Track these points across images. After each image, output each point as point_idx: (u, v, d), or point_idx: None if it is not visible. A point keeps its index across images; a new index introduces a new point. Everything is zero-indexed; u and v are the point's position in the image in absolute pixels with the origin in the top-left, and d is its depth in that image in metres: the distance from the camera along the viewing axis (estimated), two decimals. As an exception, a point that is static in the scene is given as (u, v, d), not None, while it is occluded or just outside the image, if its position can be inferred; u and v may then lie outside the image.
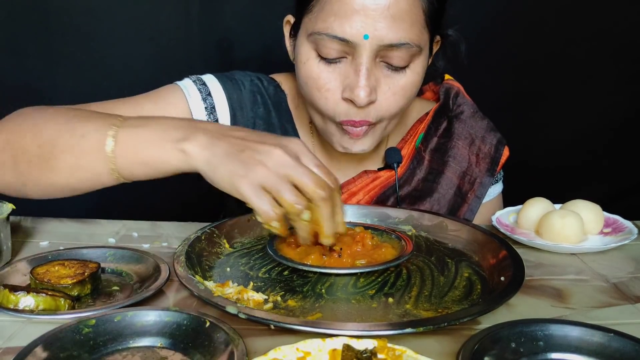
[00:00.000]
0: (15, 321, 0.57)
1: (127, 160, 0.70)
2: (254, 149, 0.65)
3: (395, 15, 0.79)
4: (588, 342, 0.54)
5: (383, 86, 0.84)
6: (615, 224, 0.88)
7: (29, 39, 1.42)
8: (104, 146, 0.70)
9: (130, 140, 0.70)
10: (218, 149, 0.66)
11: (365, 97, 0.81)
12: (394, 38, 0.80)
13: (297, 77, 0.89)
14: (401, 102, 0.86)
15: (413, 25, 0.81)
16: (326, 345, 0.51)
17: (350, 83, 0.82)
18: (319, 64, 0.84)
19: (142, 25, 1.45)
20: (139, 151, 0.69)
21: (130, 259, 0.72)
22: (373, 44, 0.80)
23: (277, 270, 0.72)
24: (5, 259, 0.71)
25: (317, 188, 0.64)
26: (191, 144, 0.67)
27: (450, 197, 1.01)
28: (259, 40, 1.46)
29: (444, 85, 1.06)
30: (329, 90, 0.84)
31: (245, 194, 0.63)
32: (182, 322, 0.55)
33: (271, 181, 0.63)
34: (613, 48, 1.60)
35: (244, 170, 0.64)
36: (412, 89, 0.87)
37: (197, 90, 0.95)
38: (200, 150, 0.67)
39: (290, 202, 0.63)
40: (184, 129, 0.69)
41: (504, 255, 0.72)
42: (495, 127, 1.05)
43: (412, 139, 1.03)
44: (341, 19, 0.79)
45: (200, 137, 0.68)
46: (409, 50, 0.82)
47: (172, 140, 0.68)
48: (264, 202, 0.63)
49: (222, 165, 0.65)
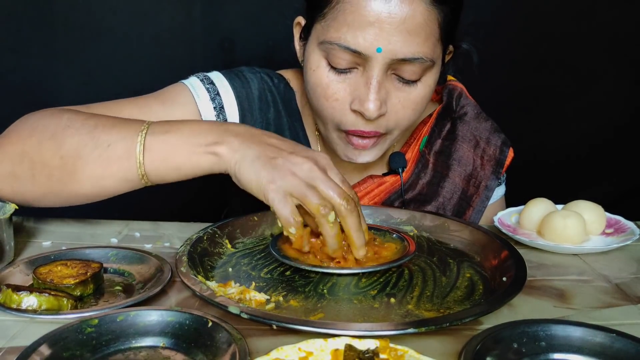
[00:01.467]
0: (18, 321, 0.58)
1: (157, 166, 0.71)
2: (286, 159, 0.67)
3: (410, 30, 0.77)
4: (590, 343, 0.54)
5: (393, 99, 0.83)
6: (617, 225, 0.88)
7: (31, 38, 1.42)
8: (133, 153, 0.70)
9: (159, 145, 0.71)
10: (250, 151, 0.68)
11: (375, 111, 0.80)
12: (408, 53, 0.78)
13: (306, 82, 0.88)
14: (411, 115, 0.85)
15: (427, 39, 0.79)
16: (328, 345, 0.51)
17: (360, 95, 0.81)
18: (328, 73, 0.82)
19: (144, 25, 1.45)
20: (169, 157, 0.71)
21: (132, 259, 0.72)
22: (386, 58, 0.78)
23: (279, 271, 0.73)
24: (8, 258, 0.71)
25: (343, 200, 0.66)
26: (223, 146, 0.69)
27: (456, 202, 1.01)
28: (261, 40, 1.46)
29: (447, 86, 1.05)
30: (337, 100, 0.83)
31: (271, 199, 0.66)
32: (185, 322, 0.55)
33: (299, 188, 0.65)
34: (615, 49, 1.59)
35: (274, 177, 0.66)
36: (423, 102, 0.86)
37: (205, 90, 0.93)
38: (232, 152, 0.69)
39: (316, 204, 0.65)
40: (215, 132, 0.71)
41: (505, 255, 0.72)
42: (499, 128, 1.04)
43: (415, 142, 1.02)
44: (355, 31, 0.77)
45: (232, 139, 0.69)
46: (422, 65, 0.80)
47: (203, 144, 0.70)
48: (287, 209, 0.65)
49: (252, 169, 0.67)
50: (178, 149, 0.70)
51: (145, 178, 0.72)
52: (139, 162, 0.70)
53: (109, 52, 1.45)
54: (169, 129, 0.72)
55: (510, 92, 1.57)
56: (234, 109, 0.94)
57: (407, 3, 0.76)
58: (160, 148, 0.71)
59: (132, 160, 0.71)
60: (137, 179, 0.72)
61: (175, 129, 0.72)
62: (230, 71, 0.97)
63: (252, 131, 0.72)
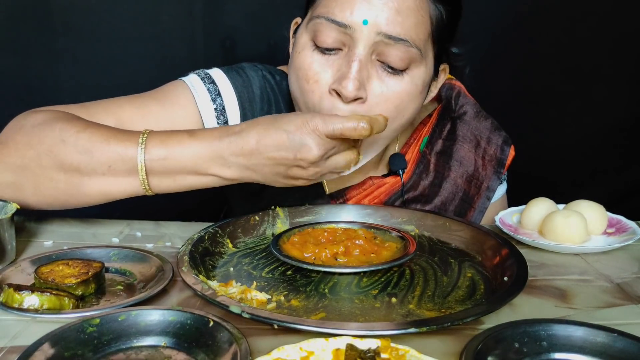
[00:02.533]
0: (19, 320, 0.58)
1: (161, 187, 0.76)
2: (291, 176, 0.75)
3: (399, 9, 0.77)
4: (592, 343, 0.54)
5: (375, 88, 0.80)
6: (618, 224, 0.88)
7: (31, 38, 1.42)
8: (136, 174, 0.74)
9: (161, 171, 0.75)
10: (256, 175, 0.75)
11: (353, 90, 0.77)
12: (393, 31, 0.77)
13: (289, 70, 0.87)
14: (393, 112, 0.81)
15: (416, 25, 0.79)
16: (329, 345, 0.51)
17: (341, 74, 0.79)
18: (312, 53, 0.81)
19: (145, 24, 1.45)
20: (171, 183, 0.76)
21: (134, 259, 0.72)
22: (371, 32, 0.77)
23: (281, 270, 0.73)
24: (9, 258, 0.72)
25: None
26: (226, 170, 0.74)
27: (458, 203, 1.00)
28: (262, 39, 1.46)
29: (445, 85, 1.04)
30: (317, 81, 0.81)
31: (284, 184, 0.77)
32: (186, 322, 0.55)
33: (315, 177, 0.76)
34: (615, 48, 1.59)
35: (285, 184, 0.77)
36: (407, 100, 0.82)
37: (206, 90, 0.91)
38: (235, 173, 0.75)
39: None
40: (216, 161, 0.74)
41: (507, 255, 0.72)
42: (500, 126, 1.04)
43: (416, 142, 1.01)
44: (342, 4, 0.78)
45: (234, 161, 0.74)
46: (408, 51, 0.78)
47: (204, 173, 0.75)
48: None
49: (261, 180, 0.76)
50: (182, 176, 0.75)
51: (150, 191, 0.76)
52: (144, 184, 0.75)
53: (110, 52, 1.45)
54: (167, 154, 0.73)
55: (511, 91, 1.57)
56: (235, 109, 0.93)
57: None
58: (162, 173, 0.75)
59: (137, 183, 0.75)
60: (142, 192, 0.76)
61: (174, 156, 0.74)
62: (231, 68, 0.95)
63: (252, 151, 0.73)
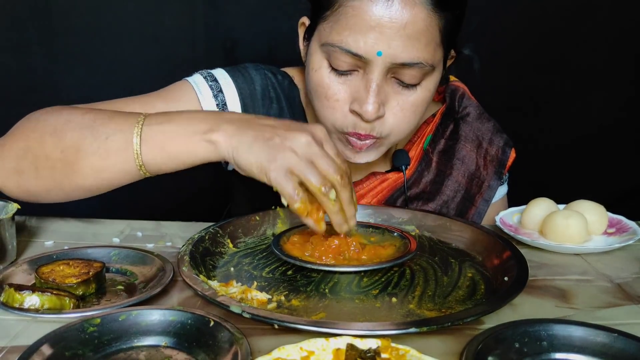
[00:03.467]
0: (20, 320, 0.58)
1: (154, 156, 0.72)
2: (282, 136, 0.68)
3: (411, 35, 0.77)
4: (592, 343, 0.54)
5: (392, 102, 0.83)
6: (619, 224, 0.88)
7: (33, 38, 1.42)
8: (130, 145, 0.71)
9: (156, 136, 0.71)
10: (246, 136, 0.69)
11: (373, 113, 0.81)
12: (407, 57, 0.78)
13: (307, 82, 0.89)
14: (410, 118, 0.86)
15: (428, 45, 0.79)
16: (330, 345, 0.51)
17: (360, 97, 0.81)
18: (329, 74, 0.83)
19: (146, 25, 1.45)
20: (165, 146, 0.71)
21: (134, 259, 0.72)
22: (386, 61, 0.79)
23: (281, 270, 0.73)
24: (10, 258, 0.72)
25: (338, 176, 0.68)
26: (218, 133, 0.70)
27: (459, 201, 1.01)
28: (263, 40, 1.46)
29: (449, 87, 1.05)
30: (338, 101, 0.84)
31: (273, 178, 0.67)
32: (187, 322, 0.55)
33: (299, 166, 0.67)
34: (616, 49, 1.59)
35: (274, 156, 0.67)
36: (422, 105, 0.86)
37: (209, 87, 0.93)
38: (228, 139, 0.69)
39: (317, 185, 0.66)
40: (210, 120, 0.71)
41: (507, 255, 0.72)
42: (502, 129, 1.05)
43: (419, 140, 1.02)
44: (356, 34, 0.78)
45: (227, 126, 0.70)
46: (421, 70, 0.81)
47: (198, 132, 0.70)
48: (289, 186, 0.67)
49: (250, 151, 0.68)
50: (174, 138, 0.71)
51: (143, 169, 0.73)
52: (137, 153, 0.71)
53: (111, 52, 1.45)
54: (165, 119, 0.73)
55: (512, 92, 1.57)
56: (237, 106, 0.95)
57: (408, 8, 0.77)
58: (156, 138, 0.71)
59: (130, 151, 0.71)
60: (135, 170, 0.73)
61: (171, 118, 0.73)
62: (234, 68, 0.98)
63: (246, 117, 0.73)
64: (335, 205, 0.69)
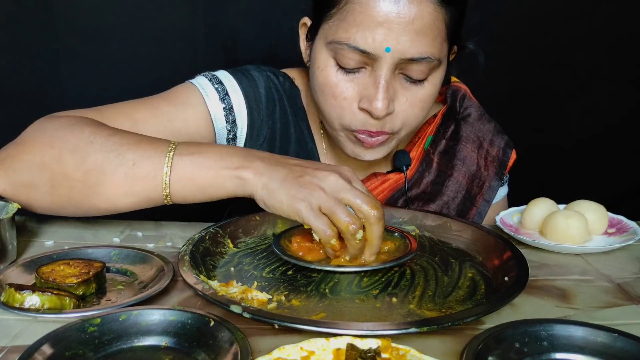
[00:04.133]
0: (20, 320, 0.58)
1: (182, 187, 0.72)
2: (312, 175, 0.69)
3: (419, 30, 0.78)
4: (592, 343, 0.54)
5: (400, 97, 0.84)
6: (619, 225, 0.88)
7: (33, 38, 1.42)
8: (160, 173, 0.71)
9: (186, 167, 0.72)
10: (276, 174, 0.70)
11: (383, 110, 0.81)
12: (416, 52, 0.79)
13: (313, 81, 0.89)
14: (418, 114, 0.86)
15: (435, 39, 0.80)
16: (330, 345, 0.51)
17: (369, 94, 0.82)
18: (337, 73, 0.83)
19: (146, 24, 1.45)
20: (195, 178, 0.72)
21: (134, 259, 0.72)
22: (394, 57, 0.79)
23: (281, 270, 0.73)
24: (10, 258, 0.72)
25: (372, 209, 0.67)
26: (248, 170, 0.71)
27: (460, 201, 1.01)
28: (263, 40, 1.46)
29: (451, 88, 1.05)
30: (346, 99, 0.84)
31: (305, 216, 0.67)
32: (187, 321, 0.55)
33: (329, 204, 0.67)
34: (616, 49, 1.59)
35: (303, 194, 0.67)
36: (430, 100, 0.87)
37: (214, 90, 0.93)
38: (257, 176, 0.70)
39: (346, 223, 0.66)
40: (240, 157, 0.72)
41: (508, 255, 0.72)
42: (502, 130, 1.05)
43: (420, 141, 1.02)
44: (364, 31, 0.78)
45: (258, 163, 0.71)
46: (429, 64, 0.81)
47: (229, 168, 0.71)
48: (322, 223, 0.67)
49: (280, 190, 0.68)
50: (204, 171, 0.72)
51: (168, 198, 0.73)
52: (165, 182, 0.71)
53: (111, 52, 1.45)
54: (196, 150, 0.73)
55: (512, 92, 1.57)
56: (242, 108, 0.95)
57: (415, 4, 0.77)
58: (186, 169, 0.72)
59: (158, 180, 0.72)
60: (160, 198, 0.73)
61: (202, 151, 0.73)
62: (237, 70, 0.97)
63: (275, 156, 0.74)
64: (359, 244, 0.69)
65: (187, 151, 0.73)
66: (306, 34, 0.91)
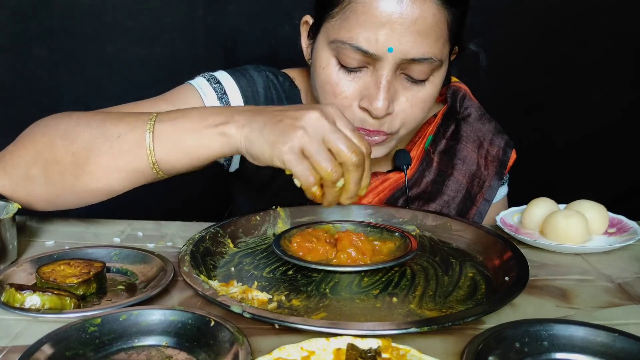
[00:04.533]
0: (21, 320, 0.58)
1: (167, 152, 0.71)
2: (292, 117, 0.67)
3: (421, 31, 0.78)
4: (592, 342, 0.54)
5: (401, 97, 0.84)
6: (620, 224, 0.88)
7: (34, 38, 1.42)
8: (143, 142, 0.71)
9: (168, 131, 0.71)
10: (256, 123, 0.68)
11: (383, 110, 0.81)
12: (418, 53, 0.79)
13: (313, 80, 0.89)
14: (418, 114, 0.86)
15: (437, 40, 0.80)
16: (330, 345, 0.51)
17: (370, 94, 0.82)
18: (338, 72, 0.83)
19: (146, 24, 1.45)
20: (179, 141, 0.71)
21: (135, 259, 0.72)
22: (396, 58, 0.79)
23: (282, 270, 0.73)
24: (11, 258, 0.72)
25: (352, 154, 0.66)
26: (231, 125, 0.70)
27: (460, 200, 1.01)
28: (263, 39, 1.46)
29: (451, 88, 1.05)
30: (346, 97, 0.84)
31: (287, 160, 0.65)
32: (187, 321, 0.55)
33: (310, 146, 0.65)
34: (617, 49, 1.59)
35: (284, 137, 0.66)
36: (430, 101, 0.87)
37: (212, 90, 0.93)
38: (240, 129, 0.69)
39: (328, 170, 0.65)
40: (222, 115, 0.71)
41: (508, 255, 0.72)
42: (502, 130, 1.05)
43: (420, 141, 1.02)
44: (367, 31, 0.78)
45: (238, 117, 0.70)
46: (430, 65, 0.81)
47: (211, 126, 0.70)
48: (304, 169, 0.65)
49: (261, 137, 0.67)
50: (187, 133, 0.71)
51: (156, 167, 0.72)
52: (150, 150, 0.71)
53: (112, 53, 1.45)
54: (177, 115, 0.73)
55: (512, 92, 1.57)
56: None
57: (418, 4, 0.77)
58: (169, 134, 0.71)
59: (143, 149, 0.71)
60: (148, 169, 0.72)
61: (183, 114, 0.73)
62: (236, 70, 0.98)
63: (257, 107, 0.73)
64: (337, 192, 0.68)
65: (168, 117, 0.73)
66: (308, 32, 0.91)
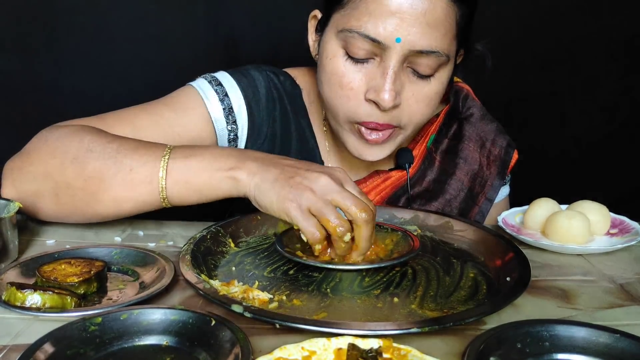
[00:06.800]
0: (22, 319, 0.58)
1: (178, 190, 0.74)
2: (303, 176, 0.69)
3: (430, 23, 0.78)
4: (594, 343, 0.54)
5: (407, 92, 0.84)
6: (621, 225, 0.88)
7: (35, 38, 1.42)
8: (156, 178, 0.73)
9: (181, 170, 0.73)
10: (268, 174, 0.70)
11: (390, 101, 0.81)
12: (426, 45, 0.79)
13: (320, 72, 0.89)
14: (424, 110, 0.86)
15: (445, 34, 0.80)
16: (331, 345, 0.51)
17: (376, 85, 0.82)
18: (345, 62, 0.83)
19: (147, 24, 1.45)
20: (190, 180, 0.73)
21: (136, 258, 0.72)
22: (404, 48, 0.79)
23: (283, 270, 0.73)
24: (12, 257, 0.72)
25: (361, 211, 0.67)
26: (241, 171, 0.72)
27: (462, 199, 1.01)
28: (265, 39, 1.46)
29: (454, 88, 1.05)
30: (353, 89, 0.84)
31: (294, 217, 0.67)
32: (188, 321, 0.55)
33: (318, 205, 0.67)
34: (619, 49, 1.59)
35: (293, 195, 0.67)
36: (436, 98, 0.87)
37: (214, 92, 0.93)
38: (250, 176, 0.71)
39: (335, 225, 0.66)
40: (234, 158, 0.73)
41: (509, 255, 0.72)
42: (504, 130, 1.05)
43: (423, 140, 1.02)
44: (376, 20, 0.78)
45: (250, 164, 0.72)
46: (437, 59, 0.81)
47: (222, 169, 0.72)
48: (310, 225, 0.67)
49: (271, 190, 0.69)
50: (199, 173, 0.73)
51: (166, 201, 0.75)
52: (162, 186, 0.74)
53: (113, 53, 1.45)
54: (190, 153, 0.75)
55: (514, 93, 1.57)
56: (242, 108, 0.95)
57: None
58: (182, 172, 0.73)
59: (155, 184, 0.74)
60: (157, 202, 0.75)
61: (196, 154, 0.75)
62: (236, 70, 0.98)
63: (270, 156, 0.75)
64: (346, 246, 0.69)
65: (181, 155, 0.74)
66: (315, 26, 0.92)
